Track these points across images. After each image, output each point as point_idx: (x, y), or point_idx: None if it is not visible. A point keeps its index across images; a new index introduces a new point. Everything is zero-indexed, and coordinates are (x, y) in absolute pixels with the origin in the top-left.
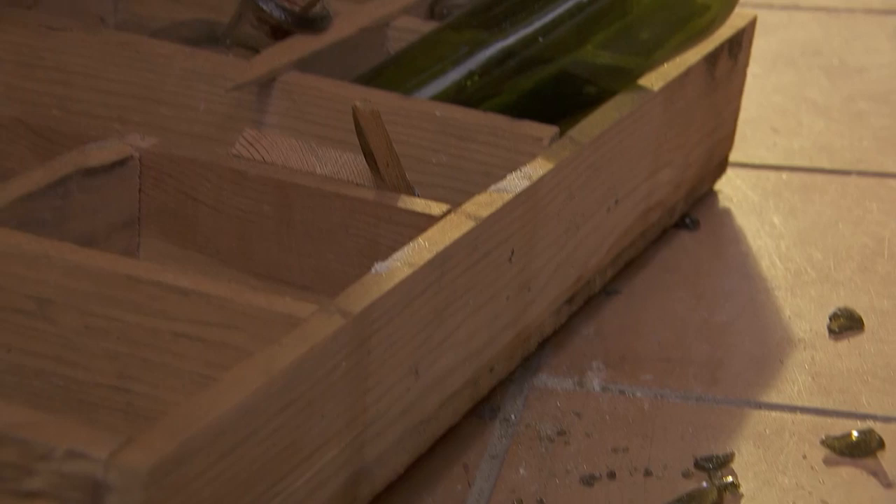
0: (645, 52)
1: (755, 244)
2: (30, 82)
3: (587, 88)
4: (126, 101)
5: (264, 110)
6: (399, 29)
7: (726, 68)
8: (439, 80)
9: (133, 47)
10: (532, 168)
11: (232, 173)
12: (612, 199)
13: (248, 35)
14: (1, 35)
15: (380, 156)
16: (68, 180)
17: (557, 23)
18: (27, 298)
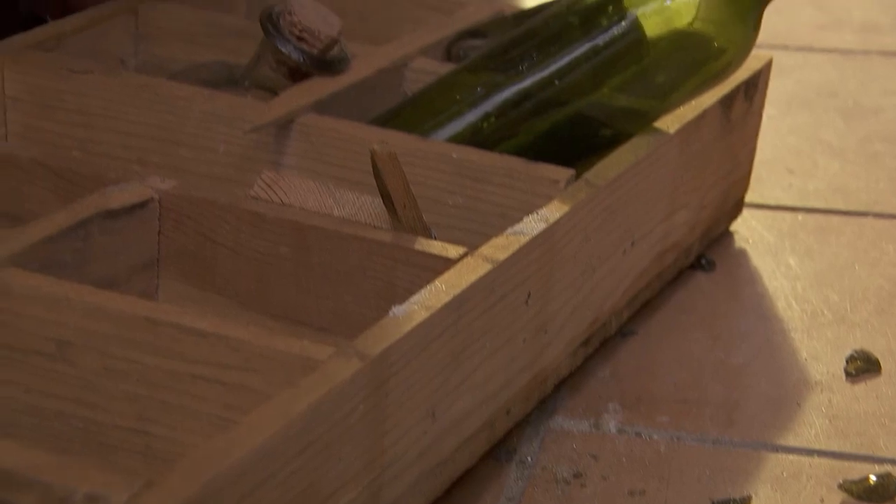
0: (661, 95)
1: (771, 285)
2: (50, 124)
3: (603, 131)
4: (146, 143)
5: (282, 152)
6: (416, 70)
7: (742, 110)
8: (456, 122)
9: (153, 89)
10: (548, 211)
11: (250, 215)
12: (628, 241)
13: (267, 77)
14: (23, 77)
15: (397, 198)
16: (89, 223)
17: (573, 66)
18: (47, 340)
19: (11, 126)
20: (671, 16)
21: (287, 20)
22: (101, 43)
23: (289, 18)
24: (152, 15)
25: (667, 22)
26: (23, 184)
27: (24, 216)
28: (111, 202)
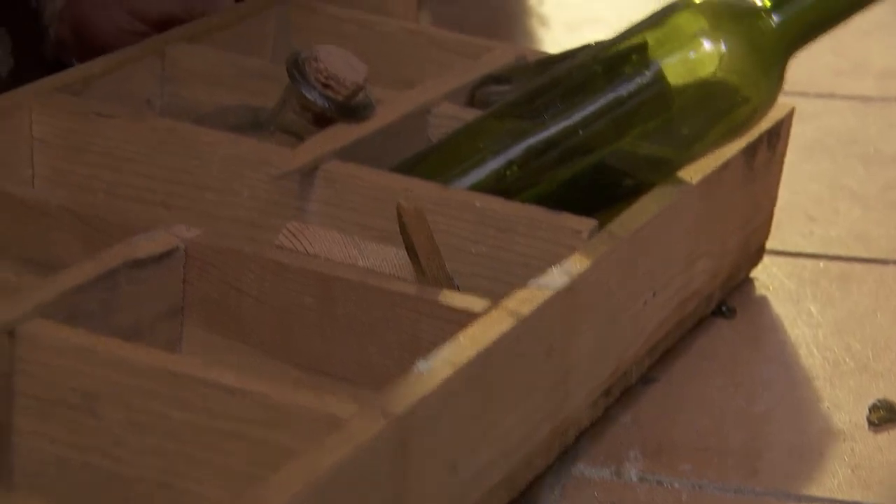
0: (684, 145)
1: (793, 333)
2: (77, 167)
3: (626, 180)
4: (171, 187)
5: (306, 198)
6: (440, 116)
7: (764, 159)
8: (479, 169)
9: (179, 134)
10: (571, 262)
11: (275, 265)
12: (649, 291)
13: (292, 122)
14: (50, 120)
15: (422, 251)
16: (116, 273)
17: (597, 115)
18: (73, 392)
19: (38, 168)
20: (695, 66)
21: (313, 66)
22: (127, 85)
23: (315, 65)
24: (179, 57)
25: (691, 72)
26: (50, 230)
27: (50, 262)
28: (138, 252)
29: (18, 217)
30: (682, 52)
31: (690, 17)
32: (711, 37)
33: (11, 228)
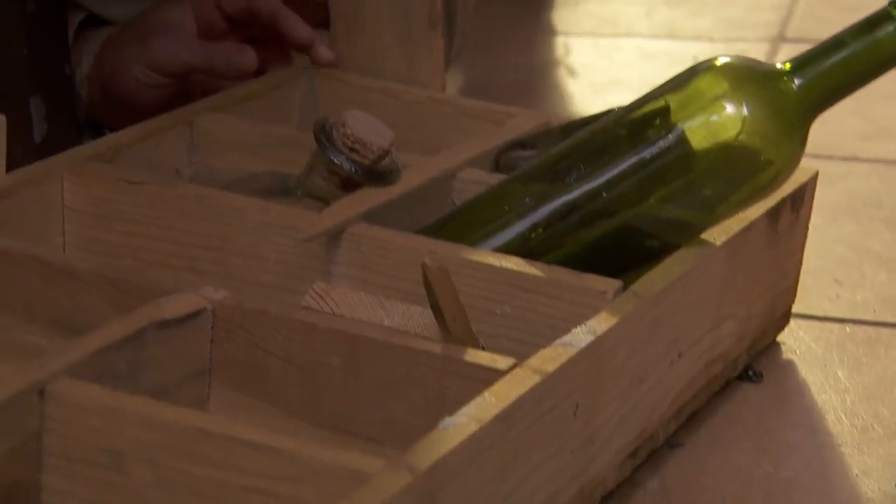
0: (708, 208)
1: (820, 398)
2: (107, 234)
3: (650, 242)
4: (199, 252)
5: (333, 261)
6: (464, 180)
7: (788, 222)
8: (504, 232)
9: (207, 200)
10: (596, 322)
11: (302, 325)
12: (675, 352)
13: (319, 187)
14: (81, 188)
15: (447, 310)
16: (144, 333)
17: (621, 178)
18: (101, 451)
19: (69, 237)
20: (717, 129)
21: (340, 132)
22: (157, 154)
23: (342, 130)
24: (207, 126)
25: (713, 135)
26: (79, 294)
27: (79, 326)
28: (165, 312)
29: (49, 281)
30: (704, 115)
31: (712, 80)
32: (733, 100)
33: (42, 292)
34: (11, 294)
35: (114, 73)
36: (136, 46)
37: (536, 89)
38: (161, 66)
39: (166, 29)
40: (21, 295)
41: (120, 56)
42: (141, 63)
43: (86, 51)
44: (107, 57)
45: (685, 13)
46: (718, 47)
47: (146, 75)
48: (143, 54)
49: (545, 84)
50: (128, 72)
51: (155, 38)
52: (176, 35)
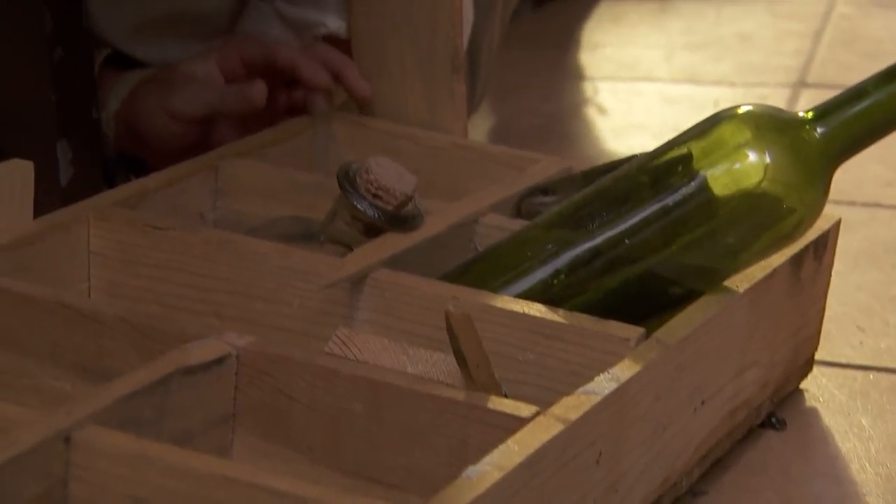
0: (730, 255)
1: (844, 446)
2: (132, 279)
3: (673, 289)
4: (223, 297)
5: (356, 307)
6: (486, 226)
7: (811, 269)
8: (527, 278)
9: (231, 245)
10: (619, 370)
11: (325, 371)
12: (698, 399)
13: (342, 232)
14: (107, 233)
15: (470, 357)
16: (169, 380)
17: (643, 225)
18: (126, 497)
19: (94, 281)
20: (740, 177)
21: (363, 177)
22: (181, 199)
23: (365, 176)
24: (231, 171)
25: (735, 182)
26: (105, 339)
27: (104, 371)
28: (190, 359)
29: (75, 326)
30: (726, 162)
31: (734, 128)
32: (756, 148)
33: (67, 337)
34: (38, 339)
35: (139, 122)
36: (160, 96)
37: (558, 134)
38: (182, 115)
39: (191, 80)
40: (47, 340)
41: (145, 106)
42: (164, 113)
43: (114, 91)
44: (133, 105)
45: (705, 58)
46: (739, 92)
47: (168, 125)
48: (167, 104)
49: (567, 129)
50: (152, 122)
51: (179, 89)
52: (199, 85)
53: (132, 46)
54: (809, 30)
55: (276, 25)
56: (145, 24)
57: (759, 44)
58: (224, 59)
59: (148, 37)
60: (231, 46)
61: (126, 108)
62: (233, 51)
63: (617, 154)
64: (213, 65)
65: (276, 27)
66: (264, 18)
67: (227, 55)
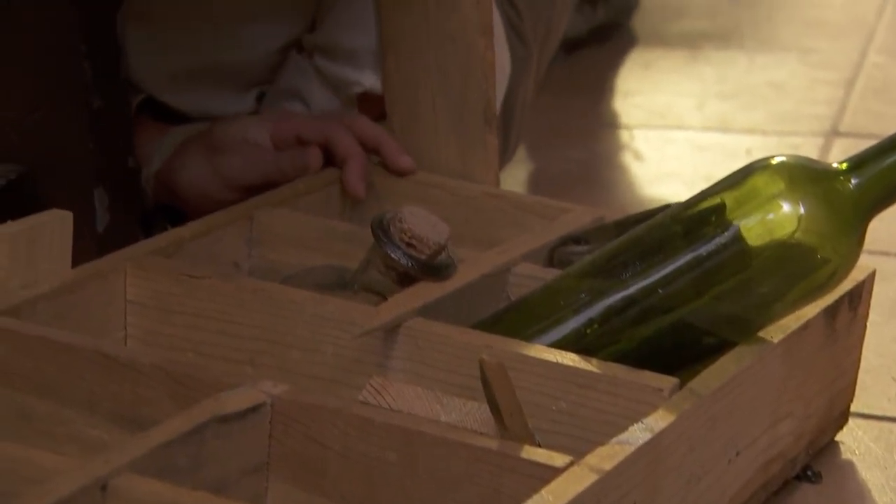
0: (764, 305)
1: (881, 500)
2: (168, 327)
3: (706, 339)
4: (257, 345)
5: (389, 355)
6: (519, 275)
7: (846, 320)
8: (560, 327)
9: (266, 294)
10: (653, 420)
11: (359, 420)
12: (732, 450)
13: (376, 281)
14: (143, 282)
15: (504, 406)
16: (205, 428)
17: (677, 275)
18: None
19: (130, 330)
20: (773, 227)
21: (397, 227)
22: (217, 247)
23: (399, 225)
24: (266, 221)
25: (769, 233)
26: (141, 387)
27: (139, 419)
28: (226, 407)
29: (112, 375)
30: (760, 213)
31: (768, 178)
32: (790, 198)
33: (104, 386)
34: (75, 387)
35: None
36: (211, 161)
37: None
38: (239, 183)
39: (243, 145)
40: (85, 388)
41: (192, 169)
42: (216, 180)
43: (157, 150)
44: (177, 166)
45: (737, 106)
46: (771, 141)
47: (220, 191)
48: (221, 171)
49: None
50: (200, 185)
51: (232, 157)
52: (251, 152)
53: (170, 95)
54: (842, 79)
55: (313, 80)
56: (183, 74)
57: (791, 92)
58: (279, 133)
59: (185, 86)
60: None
61: (169, 168)
62: (289, 128)
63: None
64: (266, 133)
65: (313, 81)
66: (303, 73)
67: (282, 130)
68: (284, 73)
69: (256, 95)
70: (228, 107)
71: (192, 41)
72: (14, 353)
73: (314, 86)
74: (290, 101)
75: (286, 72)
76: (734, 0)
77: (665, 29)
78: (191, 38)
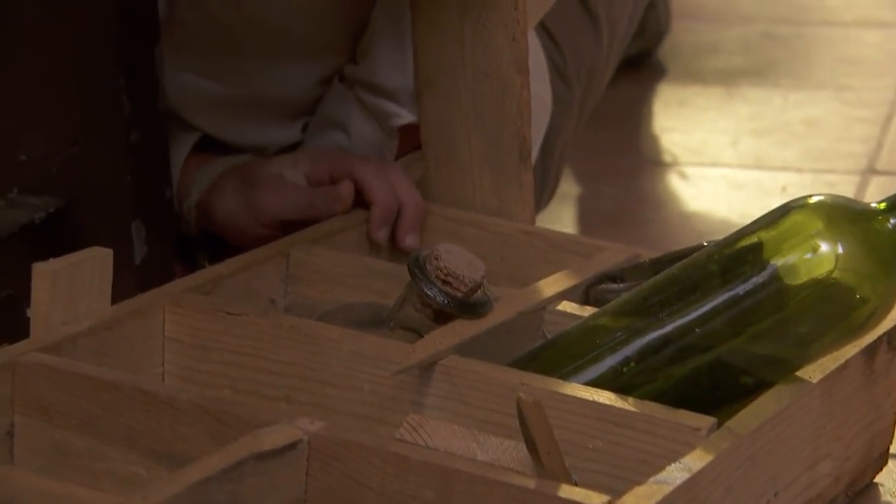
0: (802, 345)
1: None
2: (205, 364)
3: (744, 378)
4: (294, 382)
5: (425, 393)
6: (555, 313)
7: (885, 360)
8: (596, 366)
9: (303, 331)
10: (691, 460)
11: (395, 458)
12: (771, 491)
13: (412, 318)
14: (182, 319)
15: (542, 445)
16: (242, 465)
17: (714, 314)
18: None
19: (168, 366)
20: (811, 266)
21: (433, 264)
22: (254, 284)
23: (435, 263)
24: (303, 258)
25: (807, 272)
26: (179, 424)
27: (178, 456)
28: (263, 444)
29: (151, 412)
30: (798, 252)
31: (806, 217)
32: (828, 238)
33: (143, 423)
34: (115, 424)
35: (219, 217)
36: (246, 196)
37: (624, 218)
38: (272, 219)
39: (278, 182)
40: (124, 425)
41: (228, 203)
42: (250, 215)
43: (195, 182)
44: (215, 200)
45: (772, 143)
46: (807, 178)
47: (253, 226)
48: (253, 206)
49: (633, 213)
50: (235, 220)
51: (264, 193)
52: (284, 189)
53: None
54: (878, 116)
55: (355, 110)
56: (225, 108)
57: (826, 130)
58: (313, 170)
59: (226, 116)
60: (322, 161)
61: (206, 201)
62: (323, 166)
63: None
64: (301, 172)
65: (355, 111)
66: (344, 102)
67: (316, 167)
68: (326, 103)
69: (302, 126)
70: (274, 137)
71: (233, 74)
72: (54, 389)
73: (356, 116)
74: (333, 131)
75: (328, 101)
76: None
77: (699, 65)
78: (232, 71)
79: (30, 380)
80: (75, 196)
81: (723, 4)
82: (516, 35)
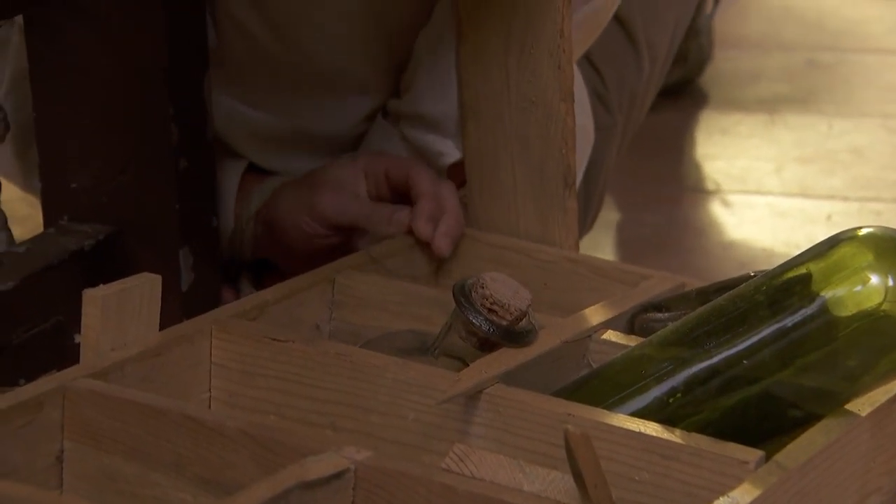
0: (851, 378)
1: None
2: (251, 390)
3: (792, 411)
4: (339, 409)
5: (471, 422)
6: (600, 342)
7: None
8: (642, 396)
9: (349, 358)
10: (739, 493)
11: (441, 488)
12: None
13: (457, 346)
14: (228, 345)
15: (589, 477)
16: (289, 493)
17: (761, 346)
18: None
19: (215, 392)
20: (861, 299)
21: (479, 292)
22: (299, 311)
23: (480, 291)
24: (348, 284)
25: (856, 304)
26: (227, 452)
27: (225, 483)
28: (310, 473)
29: (198, 439)
30: (847, 284)
31: (855, 249)
32: (878, 270)
33: (191, 450)
34: (163, 450)
35: (279, 219)
36: (305, 197)
37: (667, 246)
38: (326, 219)
39: (337, 185)
40: (172, 451)
41: (287, 204)
42: (307, 213)
43: (256, 193)
44: (275, 203)
45: (816, 171)
46: (853, 206)
47: (310, 225)
48: (312, 206)
49: (677, 241)
50: (294, 220)
51: (325, 192)
52: (345, 192)
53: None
54: None
55: (398, 147)
56: (271, 139)
57: (871, 158)
58: (369, 170)
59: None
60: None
61: (267, 207)
62: (381, 163)
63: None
64: (361, 175)
65: (398, 148)
66: (388, 139)
67: (374, 168)
68: (370, 138)
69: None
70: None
71: (279, 107)
72: (103, 415)
73: (399, 152)
74: None
75: (372, 136)
76: (811, 64)
77: (742, 93)
78: (278, 103)
79: (80, 406)
80: (124, 223)
81: (765, 33)
82: (562, 63)
